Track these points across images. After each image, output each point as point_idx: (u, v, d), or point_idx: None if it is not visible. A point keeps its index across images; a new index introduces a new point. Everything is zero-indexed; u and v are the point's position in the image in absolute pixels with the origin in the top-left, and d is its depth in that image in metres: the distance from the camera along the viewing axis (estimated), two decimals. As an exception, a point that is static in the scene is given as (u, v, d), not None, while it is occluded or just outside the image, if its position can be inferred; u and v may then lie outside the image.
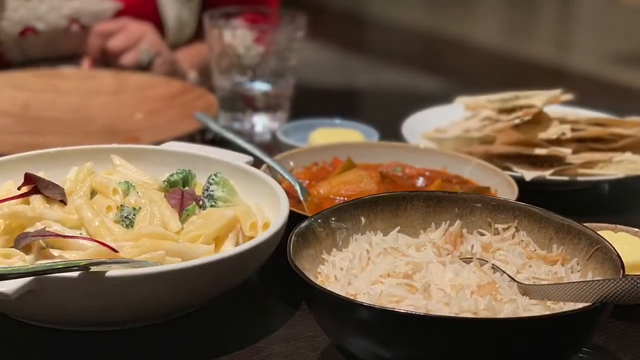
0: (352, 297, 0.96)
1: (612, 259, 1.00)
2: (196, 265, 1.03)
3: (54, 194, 1.17)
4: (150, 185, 1.24)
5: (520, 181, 1.36)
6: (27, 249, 1.08)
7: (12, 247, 1.09)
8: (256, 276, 1.22)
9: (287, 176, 1.34)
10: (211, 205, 1.20)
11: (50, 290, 0.99)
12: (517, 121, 1.47)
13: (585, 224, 1.07)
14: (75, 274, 0.98)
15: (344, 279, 1.00)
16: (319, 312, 0.98)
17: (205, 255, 1.09)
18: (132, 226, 1.15)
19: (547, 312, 0.95)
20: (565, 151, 1.44)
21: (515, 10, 6.63)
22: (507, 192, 1.31)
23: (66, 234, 1.10)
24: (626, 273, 0.96)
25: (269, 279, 1.23)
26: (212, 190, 1.21)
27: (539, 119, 1.48)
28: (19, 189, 1.18)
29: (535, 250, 1.08)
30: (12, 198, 1.17)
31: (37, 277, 0.97)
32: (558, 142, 1.46)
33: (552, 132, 1.45)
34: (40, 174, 1.20)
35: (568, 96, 1.54)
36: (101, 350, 1.07)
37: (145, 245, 1.08)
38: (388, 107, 2.07)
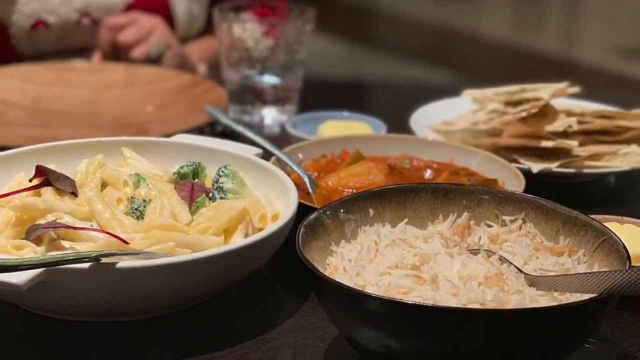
0: (360, 289, 0.96)
1: (618, 250, 1.00)
2: (206, 257, 1.04)
3: (65, 186, 1.18)
4: (160, 178, 1.24)
5: (527, 173, 1.37)
6: (38, 241, 1.09)
7: (23, 239, 1.09)
8: (265, 267, 1.23)
9: (296, 168, 1.34)
10: (221, 197, 1.21)
11: (61, 282, 1.00)
12: (524, 114, 1.48)
13: (591, 216, 1.07)
14: (86, 265, 0.99)
15: (352, 270, 1.01)
16: (327, 303, 0.99)
17: (215, 246, 1.10)
18: (142, 218, 1.15)
19: (554, 303, 0.96)
20: (572, 143, 1.44)
21: (523, 4, 6.63)
22: (514, 184, 1.31)
23: (77, 226, 1.11)
24: (632, 264, 0.97)
25: (278, 271, 1.24)
26: (222, 183, 1.21)
27: (546, 112, 1.49)
28: (30, 181, 1.19)
29: (542, 241, 1.08)
30: (24, 190, 1.17)
31: (48, 268, 0.98)
32: (565, 134, 1.47)
33: (559, 124, 1.46)
34: (51, 167, 1.20)
35: (574, 89, 1.55)
36: (111, 341, 1.07)
37: (156, 237, 1.08)
38: (396, 99, 2.08)
